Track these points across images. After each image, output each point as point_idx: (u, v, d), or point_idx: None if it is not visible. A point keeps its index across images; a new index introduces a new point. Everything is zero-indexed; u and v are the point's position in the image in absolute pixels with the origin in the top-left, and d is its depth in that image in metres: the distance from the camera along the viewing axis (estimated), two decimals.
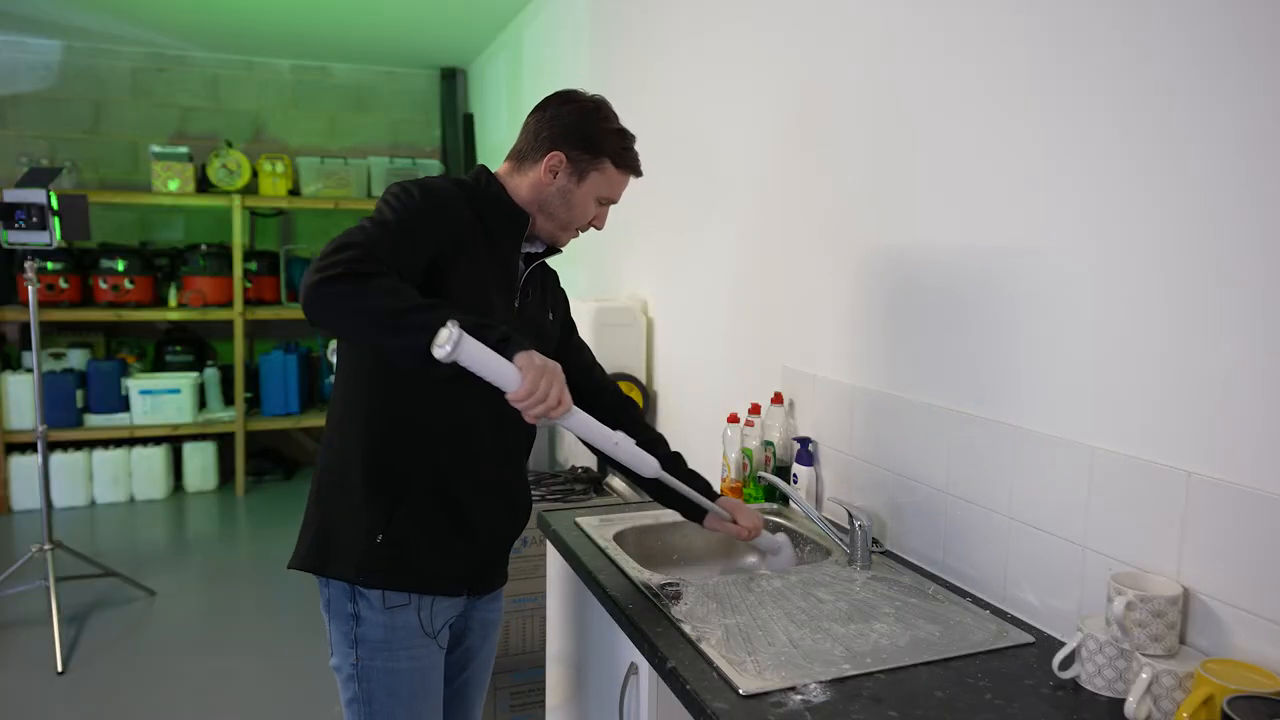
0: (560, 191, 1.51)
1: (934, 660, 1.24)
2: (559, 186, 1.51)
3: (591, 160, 1.51)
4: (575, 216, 1.54)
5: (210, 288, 5.00)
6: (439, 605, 1.48)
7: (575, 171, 1.51)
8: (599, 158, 1.51)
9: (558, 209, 1.53)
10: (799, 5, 2.01)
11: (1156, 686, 1.08)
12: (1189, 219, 1.14)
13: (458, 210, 1.45)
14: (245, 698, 2.85)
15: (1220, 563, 1.11)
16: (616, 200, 1.58)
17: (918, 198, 1.64)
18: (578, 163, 1.50)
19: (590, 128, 1.51)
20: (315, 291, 1.23)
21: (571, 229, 1.56)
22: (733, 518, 1.61)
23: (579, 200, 1.52)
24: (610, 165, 1.52)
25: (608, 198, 1.56)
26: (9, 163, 4.94)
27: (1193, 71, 1.13)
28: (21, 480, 4.71)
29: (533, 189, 1.52)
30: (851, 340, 1.84)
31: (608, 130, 1.52)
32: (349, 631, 1.45)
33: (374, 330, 1.23)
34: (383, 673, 1.45)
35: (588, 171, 1.51)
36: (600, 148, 1.51)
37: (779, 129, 2.12)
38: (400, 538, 1.42)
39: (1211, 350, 1.12)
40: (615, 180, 1.55)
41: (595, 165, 1.51)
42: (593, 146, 1.50)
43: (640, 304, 2.93)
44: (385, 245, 1.30)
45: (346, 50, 5.22)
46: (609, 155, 1.52)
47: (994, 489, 1.46)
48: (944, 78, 1.56)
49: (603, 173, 1.52)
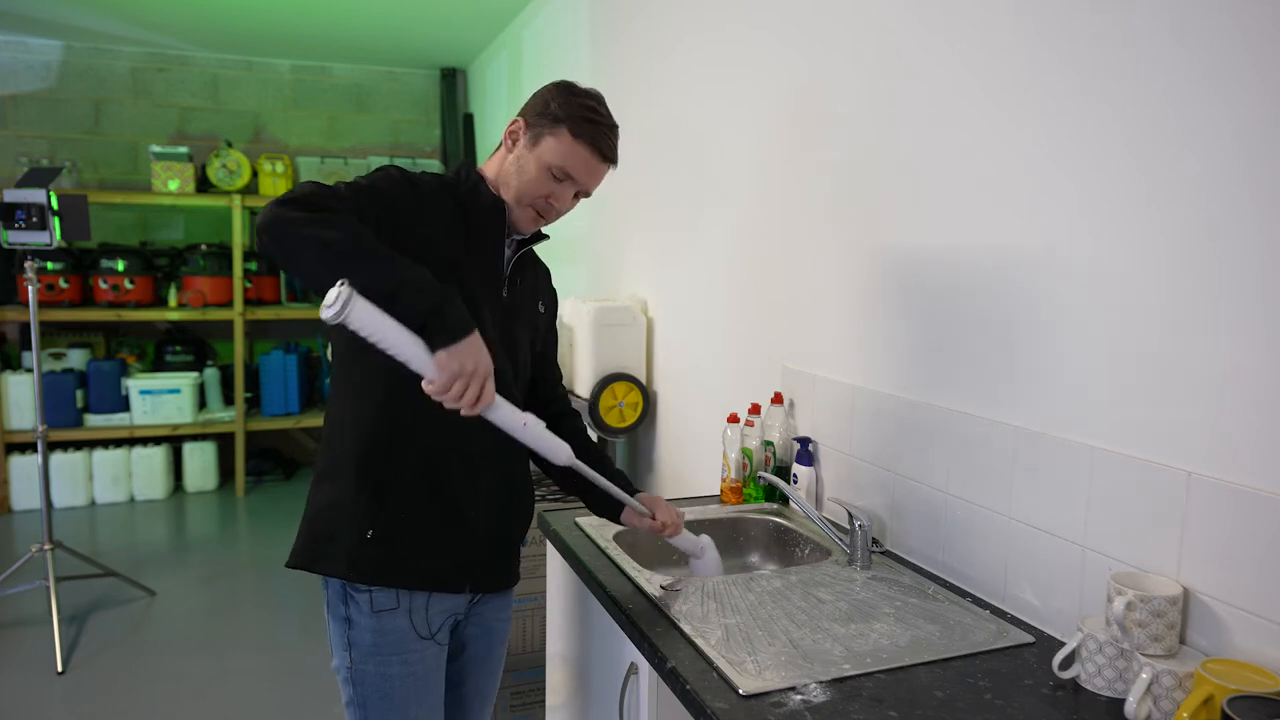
0: (515, 160, 1.46)
1: (934, 660, 1.25)
2: (515, 155, 1.46)
3: (548, 125, 1.43)
4: (526, 187, 1.44)
5: (210, 288, 5.00)
6: (436, 603, 1.46)
7: (531, 138, 1.44)
8: (556, 124, 1.42)
9: (510, 177, 1.46)
10: (798, 4, 2.01)
11: (1156, 686, 1.08)
12: (1189, 219, 1.14)
13: (440, 201, 1.43)
14: (245, 698, 2.85)
15: (1220, 563, 1.11)
16: (580, 180, 1.46)
17: (918, 198, 1.64)
18: (534, 129, 1.44)
19: (555, 97, 1.45)
20: (273, 211, 1.20)
21: (525, 204, 1.46)
22: (651, 513, 1.54)
23: (530, 166, 1.44)
24: (567, 133, 1.42)
25: (562, 169, 1.43)
26: (9, 163, 4.94)
27: (1194, 73, 1.13)
28: (21, 480, 4.71)
29: (496, 166, 1.49)
30: (851, 340, 1.84)
31: (574, 102, 1.44)
32: (343, 634, 1.45)
33: (321, 263, 1.19)
34: (375, 677, 1.44)
35: (542, 136, 1.43)
36: (559, 114, 1.42)
37: (779, 129, 2.12)
38: (391, 533, 1.41)
39: (1212, 350, 1.12)
40: (572, 151, 1.43)
41: (550, 130, 1.42)
42: (551, 112, 1.43)
43: (640, 304, 2.93)
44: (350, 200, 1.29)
45: (346, 50, 5.22)
46: (566, 121, 1.42)
47: (994, 489, 1.46)
48: (940, 78, 1.56)
49: (558, 138, 1.42)
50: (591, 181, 1.48)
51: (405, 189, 1.39)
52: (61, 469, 4.77)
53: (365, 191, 1.33)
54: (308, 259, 1.21)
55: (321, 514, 1.46)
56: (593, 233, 3.45)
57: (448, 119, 5.63)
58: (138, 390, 4.91)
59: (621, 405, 2.79)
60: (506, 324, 1.52)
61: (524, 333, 1.57)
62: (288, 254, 1.21)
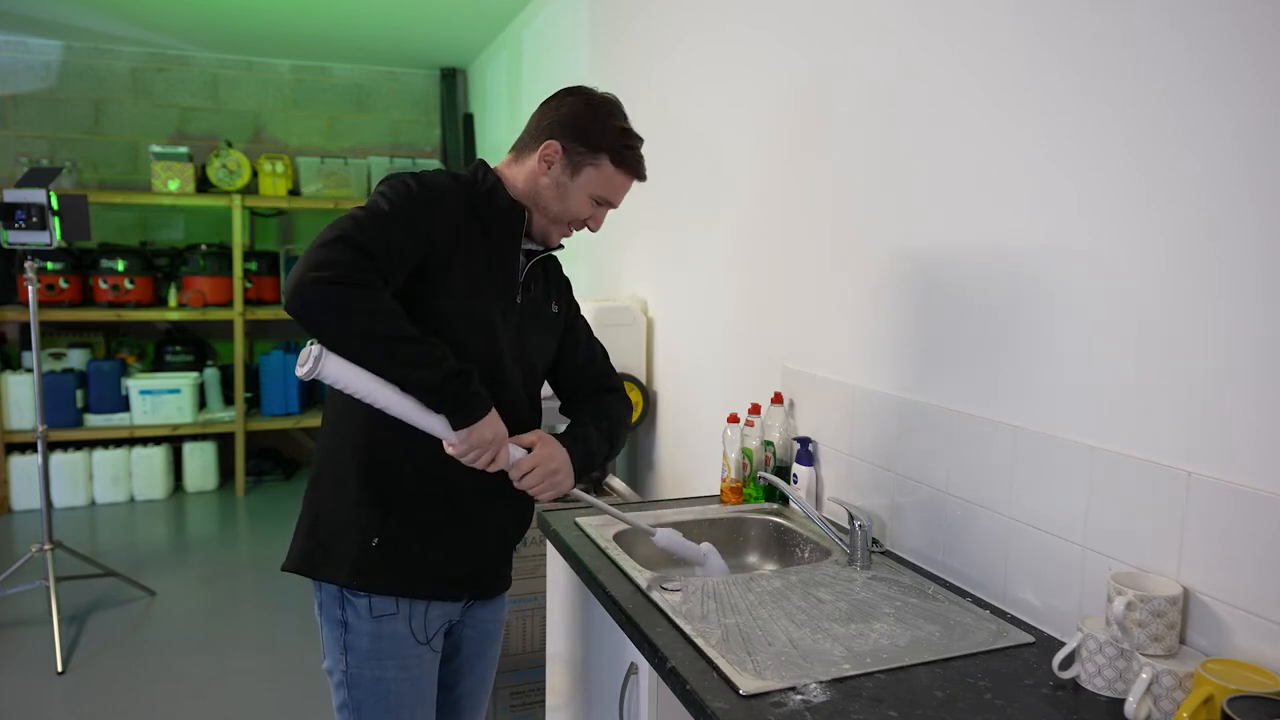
0: (554, 184, 1.45)
1: (934, 660, 1.24)
2: (553, 178, 1.45)
3: (588, 154, 1.44)
4: (567, 211, 1.47)
5: (210, 288, 4.99)
6: (434, 610, 1.46)
7: (570, 164, 1.44)
8: (597, 153, 1.44)
9: (550, 202, 1.46)
10: (799, 4, 2.00)
11: (1156, 686, 1.08)
12: (1189, 219, 1.14)
13: (455, 204, 1.41)
14: (245, 698, 2.85)
15: (1220, 563, 1.11)
16: (615, 203, 1.51)
17: (917, 198, 1.64)
18: (573, 155, 1.44)
19: (592, 121, 1.45)
20: (306, 293, 1.21)
21: (563, 225, 1.50)
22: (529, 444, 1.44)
23: (572, 195, 1.46)
24: (608, 162, 1.45)
25: (604, 197, 1.48)
26: (9, 163, 4.94)
27: (1195, 71, 1.13)
28: (21, 480, 4.71)
29: (528, 180, 1.47)
30: (851, 340, 1.84)
31: (611, 126, 1.45)
32: (339, 638, 1.43)
33: (349, 349, 1.25)
34: (371, 681, 1.43)
35: (583, 166, 1.45)
36: (599, 142, 1.44)
37: (779, 129, 2.12)
38: (396, 540, 1.41)
39: (1212, 350, 1.12)
40: (613, 180, 1.47)
41: (592, 160, 1.44)
42: (591, 140, 1.44)
43: (640, 304, 2.93)
44: (379, 240, 1.27)
45: (346, 50, 5.22)
46: (608, 151, 1.44)
47: (994, 489, 1.46)
48: (940, 77, 1.56)
49: (599, 169, 1.45)
50: (624, 198, 1.54)
51: (421, 203, 1.36)
52: (61, 469, 4.77)
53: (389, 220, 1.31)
54: (339, 344, 1.25)
55: (322, 519, 1.44)
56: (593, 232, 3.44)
57: (448, 119, 5.63)
58: (138, 390, 4.91)
59: None
60: (520, 332, 1.50)
61: (539, 338, 1.56)
62: (319, 334, 1.25)
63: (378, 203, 1.34)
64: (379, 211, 1.32)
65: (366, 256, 1.25)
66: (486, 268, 1.44)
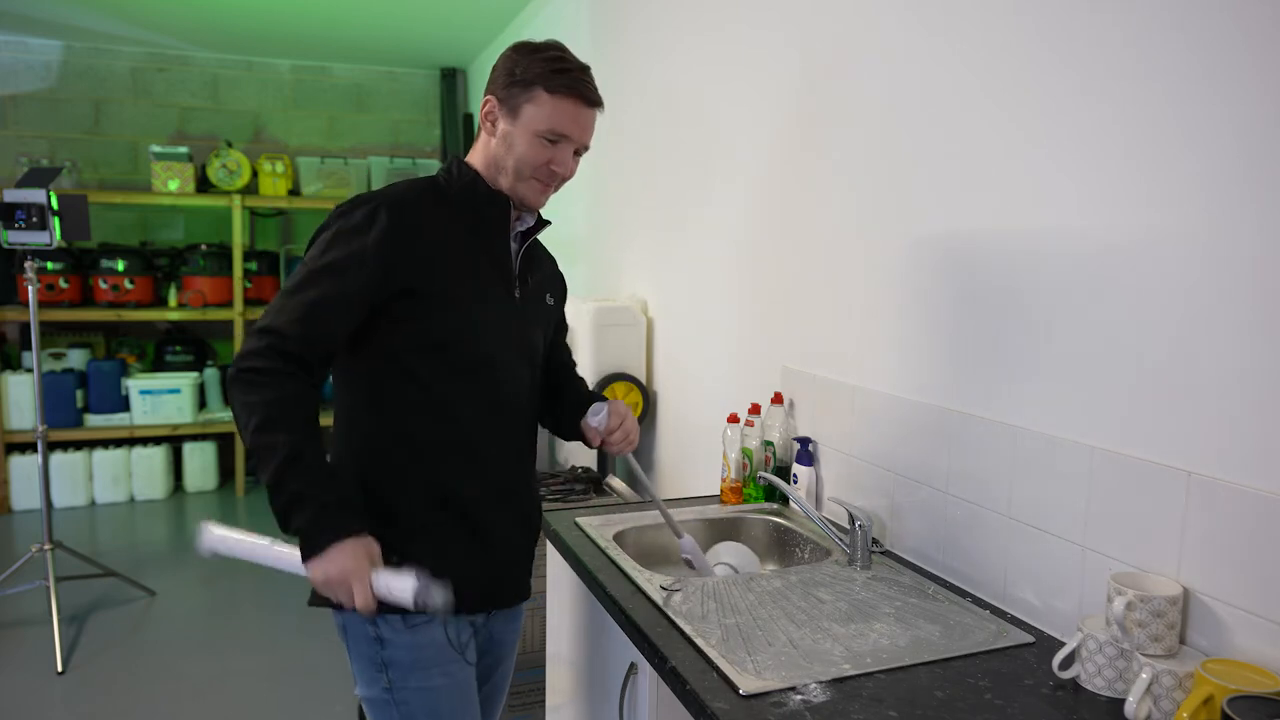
0: (501, 139, 1.39)
1: (934, 660, 1.24)
2: (500, 135, 1.39)
3: (520, 93, 1.37)
4: (522, 160, 1.38)
5: (210, 288, 5.00)
6: (461, 621, 1.43)
7: (508, 111, 1.38)
8: (529, 87, 1.36)
9: (503, 158, 1.40)
10: (799, 3, 2.00)
11: (1156, 686, 1.08)
12: (1188, 218, 1.14)
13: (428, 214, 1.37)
14: (245, 698, 2.85)
15: (1220, 563, 1.11)
16: (573, 136, 1.40)
17: (917, 198, 1.64)
18: (508, 102, 1.38)
19: (517, 64, 1.38)
20: (232, 373, 1.28)
21: (527, 178, 1.40)
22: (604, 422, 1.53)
23: (518, 139, 1.37)
24: (542, 91, 1.36)
25: (552, 130, 1.37)
26: (9, 163, 4.94)
27: (1195, 68, 1.13)
28: (21, 480, 4.71)
29: (483, 152, 1.42)
30: (851, 340, 1.84)
31: (537, 59, 1.37)
32: (374, 656, 1.37)
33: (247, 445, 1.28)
34: (420, 693, 1.37)
35: (520, 107, 1.37)
36: (527, 78, 1.36)
37: (779, 129, 2.11)
38: (418, 557, 1.34)
39: (1212, 350, 1.12)
40: (555, 110, 1.37)
41: (525, 96, 1.37)
42: (519, 79, 1.37)
43: (640, 304, 2.93)
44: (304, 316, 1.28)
45: (346, 50, 5.22)
46: (539, 82, 1.36)
47: (994, 489, 1.46)
48: (940, 76, 1.56)
49: (535, 102, 1.36)
50: (585, 133, 1.42)
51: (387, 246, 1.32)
52: (61, 469, 4.77)
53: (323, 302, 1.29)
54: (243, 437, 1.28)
55: None
56: (593, 233, 3.45)
57: (448, 119, 5.63)
58: (138, 390, 4.91)
59: None
60: (522, 330, 1.48)
61: (539, 333, 1.54)
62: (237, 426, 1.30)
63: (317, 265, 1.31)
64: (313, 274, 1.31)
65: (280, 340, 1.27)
66: (482, 267, 1.41)
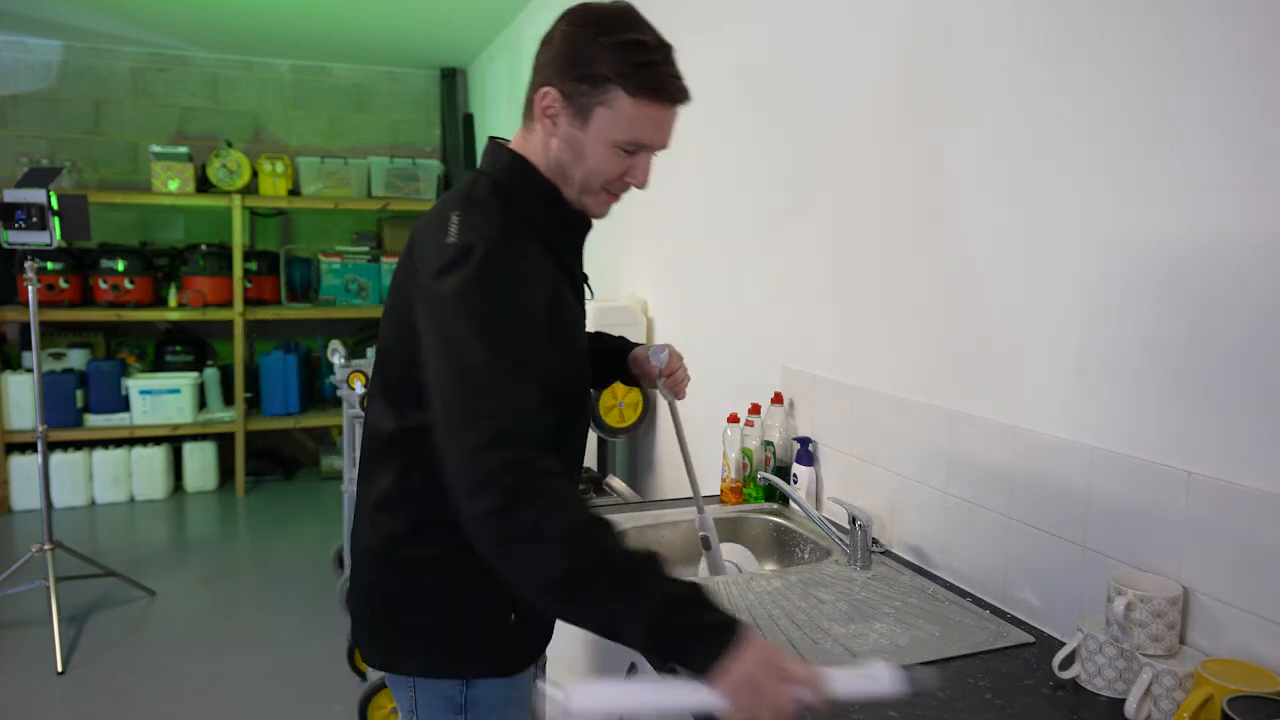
0: (566, 143, 1.14)
1: (933, 660, 1.24)
2: (563, 136, 1.13)
3: (592, 91, 1.10)
4: (594, 173, 1.15)
5: (210, 288, 4.99)
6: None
7: (575, 111, 1.12)
8: (602, 86, 1.09)
9: (572, 169, 1.15)
10: (799, 3, 2.01)
11: (1156, 686, 1.08)
12: (1187, 218, 1.14)
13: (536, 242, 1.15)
14: (245, 698, 2.85)
15: (1220, 563, 1.11)
16: (654, 144, 1.15)
17: (916, 198, 1.64)
18: (575, 98, 1.11)
19: (586, 43, 1.10)
20: (482, 523, 0.96)
21: (596, 191, 1.17)
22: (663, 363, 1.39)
23: (590, 150, 1.13)
24: (620, 93, 1.09)
25: (631, 141, 1.13)
26: (9, 163, 4.93)
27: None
28: (22, 480, 4.70)
29: (543, 153, 1.16)
30: (851, 340, 1.84)
31: (611, 45, 1.09)
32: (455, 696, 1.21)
33: (543, 601, 1.00)
34: None
35: (591, 108, 1.11)
36: (601, 70, 1.09)
37: (779, 130, 2.11)
38: (529, 609, 1.22)
39: (1211, 350, 1.12)
40: (637, 115, 1.11)
41: (599, 97, 1.10)
42: (591, 70, 1.09)
43: (640, 304, 2.93)
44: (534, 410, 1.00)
45: (346, 50, 5.22)
46: (616, 79, 1.09)
47: (994, 489, 1.46)
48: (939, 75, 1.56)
49: (611, 106, 1.10)
50: (668, 136, 1.18)
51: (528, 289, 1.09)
52: (61, 469, 4.77)
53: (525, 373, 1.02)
54: (531, 595, 1.00)
55: (425, 614, 1.19)
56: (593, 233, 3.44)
57: (448, 119, 5.63)
58: (138, 390, 4.91)
59: (621, 405, 2.79)
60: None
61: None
62: (511, 581, 1.00)
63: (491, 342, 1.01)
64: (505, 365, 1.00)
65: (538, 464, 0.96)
66: (572, 298, 1.19)
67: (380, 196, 5.27)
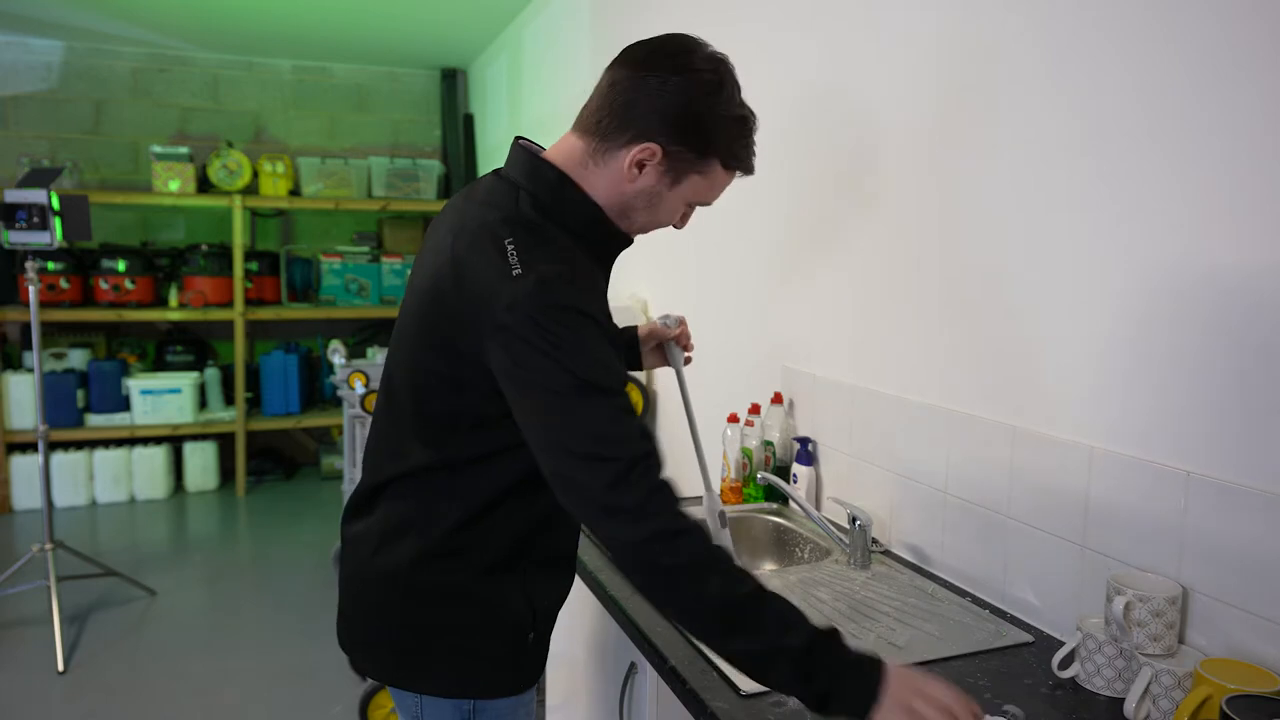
0: (644, 193, 1.14)
1: (933, 660, 1.25)
2: (643, 186, 1.13)
3: (696, 160, 1.11)
4: (656, 221, 1.19)
5: (211, 288, 5.00)
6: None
7: (670, 170, 1.12)
8: (706, 157, 1.12)
9: (639, 213, 1.16)
10: (800, 3, 2.01)
11: (1155, 686, 1.08)
12: (1186, 219, 1.14)
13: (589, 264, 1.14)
14: (245, 698, 2.85)
15: (1220, 563, 1.11)
16: (711, 203, 1.21)
17: (916, 198, 1.64)
18: (677, 160, 1.11)
19: (705, 113, 1.09)
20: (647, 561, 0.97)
21: (647, 230, 1.22)
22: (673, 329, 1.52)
23: (666, 204, 1.16)
24: (718, 166, 1.14)
25: (704, 201, 1.19)
26: (10, 163, 4.94)
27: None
28: (22, 480, 4.71)
29: (611, 189, 1.14)
30: (851, 340, 1.85)
31: (727, 118, 1.11)
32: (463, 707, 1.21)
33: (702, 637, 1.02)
34: None
35: (686, 173, 1.12)
36: (711, 143, 1.11)
37: (778, 130, 2.12)
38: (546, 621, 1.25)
39: (1212, 351, 1.12)
40: (718, 182, 1.16)
41: (698, 166, 1.12)
42: (702, 141, 1.10)
43: (640, 304, 2.93)
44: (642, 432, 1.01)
45: (347, 50, 5.22)
46: (719, 155, 1.12)
47: (994, 489, 1.46)
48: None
49: (705, 175, 1.13)
50: None
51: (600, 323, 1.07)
52: (62, 469, 4.77)
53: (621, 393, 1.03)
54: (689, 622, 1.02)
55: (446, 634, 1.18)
56: None
57: (448, 119, 5.63)
58: (138, 390, 4.91)
59: None
60: None
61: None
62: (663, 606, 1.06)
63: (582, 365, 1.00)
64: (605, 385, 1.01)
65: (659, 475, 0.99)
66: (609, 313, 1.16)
67: (381, 197, 5.28)
